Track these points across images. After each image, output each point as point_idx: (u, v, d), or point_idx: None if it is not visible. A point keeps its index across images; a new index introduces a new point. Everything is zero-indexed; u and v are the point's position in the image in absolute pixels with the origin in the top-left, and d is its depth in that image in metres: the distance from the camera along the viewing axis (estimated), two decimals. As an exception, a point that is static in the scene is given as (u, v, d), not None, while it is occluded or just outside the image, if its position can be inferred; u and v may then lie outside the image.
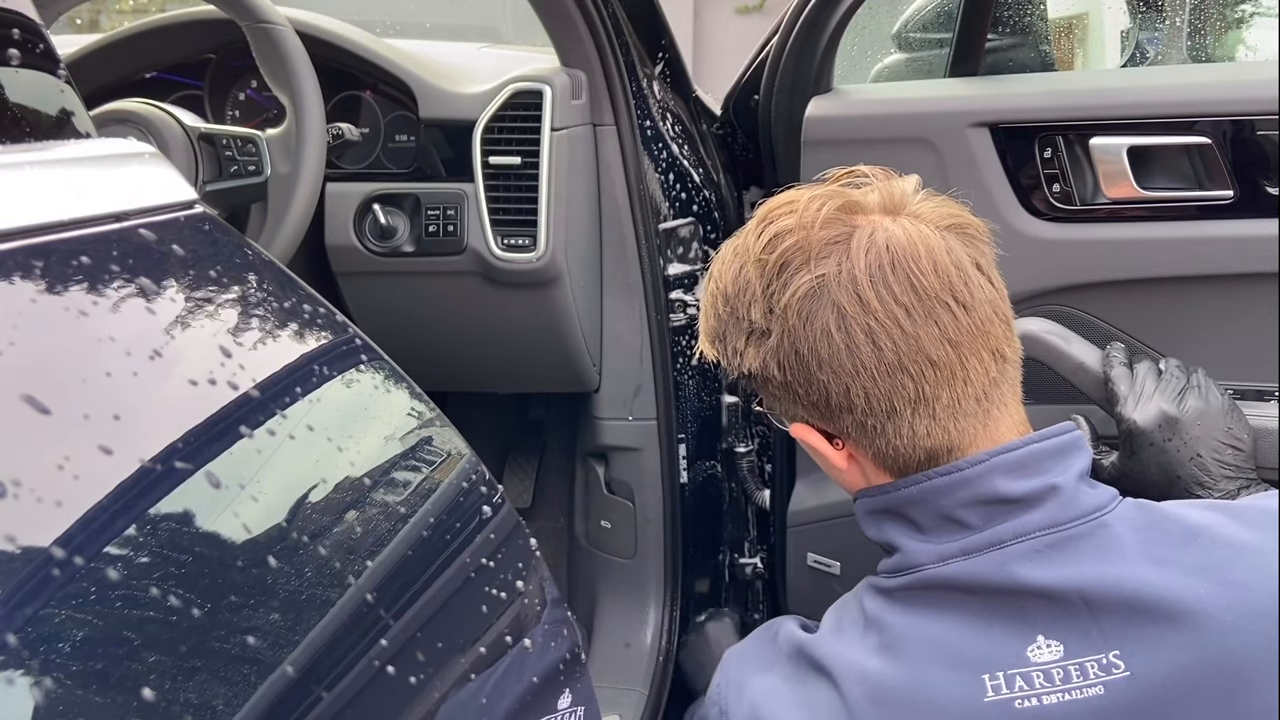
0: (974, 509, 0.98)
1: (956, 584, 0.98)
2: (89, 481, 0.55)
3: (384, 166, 1.72)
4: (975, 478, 0.98)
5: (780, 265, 0.99)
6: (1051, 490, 0.97)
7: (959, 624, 0.98)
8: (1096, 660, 0.94)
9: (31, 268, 0.61)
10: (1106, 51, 2.68)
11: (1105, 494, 0.99)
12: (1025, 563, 0.96)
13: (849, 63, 1.99)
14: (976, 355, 0.98)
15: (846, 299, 0.96)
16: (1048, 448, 0.99)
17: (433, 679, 0.69)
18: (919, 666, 0.98)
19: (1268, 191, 1.46)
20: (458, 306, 1.72)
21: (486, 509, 0.81)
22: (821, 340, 0.97)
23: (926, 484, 1.00)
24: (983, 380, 0.99)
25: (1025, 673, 0.95)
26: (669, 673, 1.79)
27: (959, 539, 0.99)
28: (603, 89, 1.67)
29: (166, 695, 0.52)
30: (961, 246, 0.99)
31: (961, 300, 0.97)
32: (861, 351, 0.96)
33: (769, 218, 1.03)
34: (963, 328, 0.97)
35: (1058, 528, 0.96)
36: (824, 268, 0.97)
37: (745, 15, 7.77)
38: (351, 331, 0.80)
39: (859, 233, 0.98)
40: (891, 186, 1.03)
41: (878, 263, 0.96)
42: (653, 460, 1.77)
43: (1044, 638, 0.95)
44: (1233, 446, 1.20)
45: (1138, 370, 1.28)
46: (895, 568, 1.03)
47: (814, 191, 1.02)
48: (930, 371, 0.97)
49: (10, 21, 0.72)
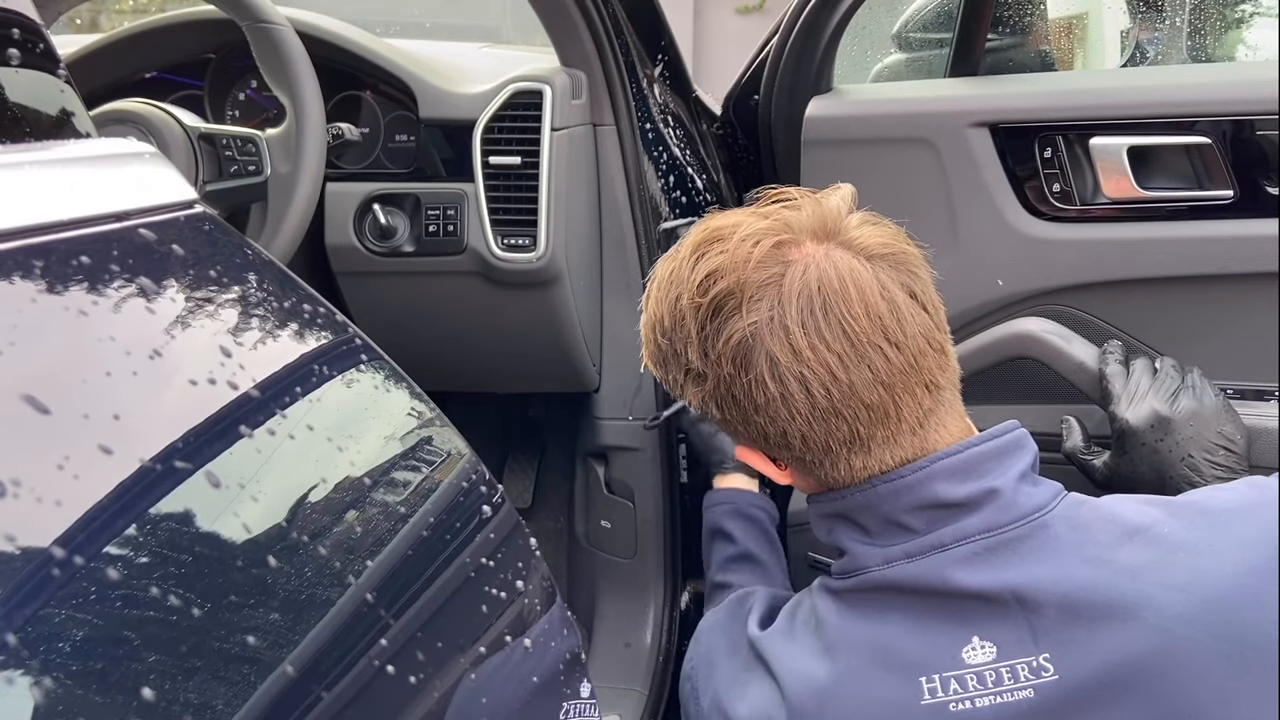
0: (917, 513, 0.99)
1: (899, 586, 1.00)
2: (89, 481, 0.55)
3: (384, 166, 1.72)
4: (916, 484, 0.99)
5: (714, 309, 0.99)
6: (990, 494, 0.98)
7: (900, 626, 1.00)
8: (1027, 663, 0.95)
9: (31, 268, 0.61)
10: (1106, 51, 2.68)
11: (1046, 493, 1.00)
12: (963, 566, 0.97)
13: (849, 63, 1.99)
14: (910, 392, 0.98)
15: (779, 348, 0.96)
16: (988, 450, 1.00)
17: (433, 679, 0.69)
18: (860, 669, 1.00)
19: (1268, 191, 1.46)
20: (458, 306, 1.72)
21: (486, 509, 0.81)
22: (757, 388, 0.98)
23: (871, 491, 1.01)
24: (916, 414, 1.00)
25: (959, 675, 0.96)
26: (669, 673, 1.79)
27: (902, 542, 1.00)
28: (603, 89, 1.67)
29: (166, 695, 0.52)
30: (894, 276, 0.99)
31: (894, 340, 0.97)
32: (795, 399, 0.97)
33: (703, 249, 1.02)
34: (895, 368, 0.97)
35: (995, 531, 0.97)
36: (756, 313, 0.97)
37: (745, 15, 7.78)
38: (351, 331, 0.80)
39: (790, 272, 0.97)
40: (823, 210, 1.01)
41: (809, 308, 0.96)
42: (652, 460, 1.77)
43: (979, 639, 0.97)
44: (1225, 447, 1.20)
45: (1133, 368, 1.28)
46: (844, 569, 1.05)
47: (747, 224, 1.01)
48: (864, 413, 0.98)
49: (10, 21, 0.72)
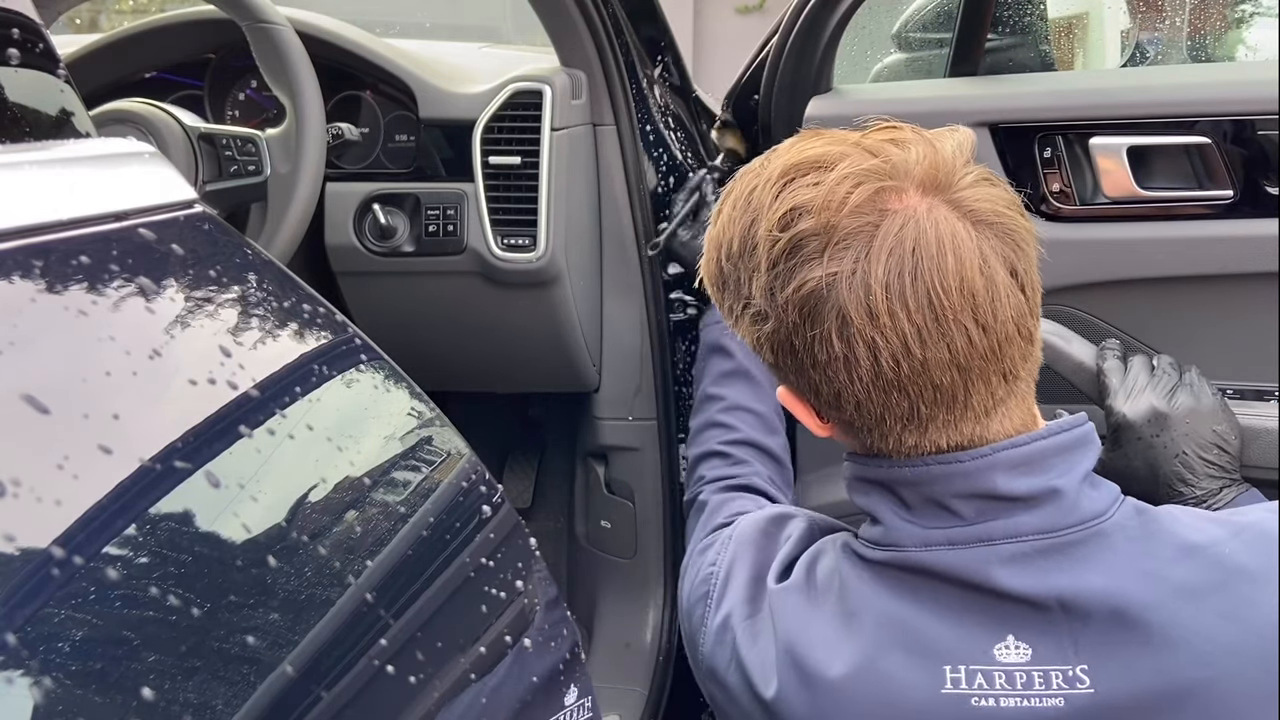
0: (967, 500, 0.93)
1: (935, 572, 0.94)
2: (89, 481, 0.55)
3: (384, 166, 1.72)
4: (975, 471, 0.93)
5: (791, 248, 0.89)
6: (1052, 493, 0.92)
7: (931, 612, 0.94)
8: (1062, 671, 0.91)
9: (31, 268, 0.61)
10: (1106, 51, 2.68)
11: (1106, 497, 0.94)
12: (1008, 566, 0.92)
13: (849, 63, 1.99)
14: (984, 379, 0.91)
15: (855, 307, 0.87)
16: (1055, 445, 0.94)
17: (432, 679, 0.68)
18: (879, 642, 0.95)
19: (1268, 191, 1.46)
20: (458, 306, 1.72)
21: (486, 509, 0.81)
22: (820, 345, 0.90)
23: (923, 468, 0.94)
24: (985, 402, 0.92)
25: (987, 671, 0.92)
26: (669, 673, 1.79)
27: (946, 527, 0.94)
28: (603, 89, 1.67)
29: (166, 695, 0.52)
30: (998, 249, 0.90)
31: (982, 321, 0.89)
32: (860, 365, 0.89)
33: (793, 175, 0.92)
34: (976, 352, 0.89)
35: (1051, 533, 0.92)
36: (838, 264, 0.88)
37: (745, 15, 7.78)
38: (351, 331, 0.80)
39: (886, 225, 0.88)
40: (937, 157, 0.91)
41: (898, 270, 0.87)
42: (652, 460, 1.77)
43: (1014, 638, 0.92)
44: (1219, 446, 1.20)
45: (1131, 365, 1.28)
46: (877, 540, 0.98)
47: (849, 160, 0.91)
48: (930, 393, 0.90)
49: (10, 21, 0.72)
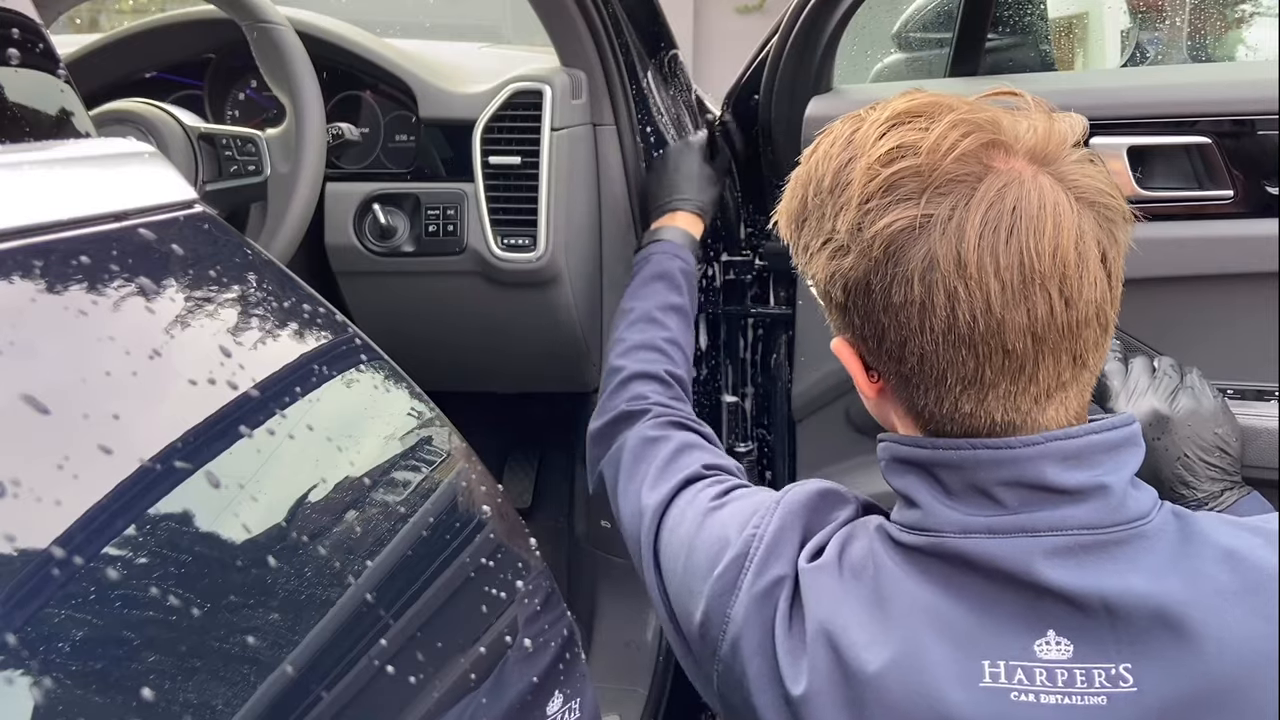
0: (1010, 489, 0.91)
1: (973, 561, 0.92)
2: (89, 481, 0.55)
3: (384, 166, 1.72)
4: (1024, 459, 0.90)
5: (890, 184, 0.88)
6: (1101, 489, 0.90)
7: (968, 603, 0.92)
8: (1105, 670, 0.89)
9: (31, 268, 0.61)
10: (1106, 51, 2.68)
11: (1148, 499, 0.93)
12: (1051, 559, 0.90)
13: (849, 63, 1.99)
14: (1056, 355, 0.89)
15: (945, 251, 0.86)
16: (1106, 440, 0.92)
17: (432, 679, 0.68)
18: (915, 629, 0.92)
19: (1268, 191, 1.46)
20: (458, 306, 1.72)
21: (486, 509, 0.81)
22: (898, 286, 0.88)
23: (969, 453, 0.91)
24: (1050, 382, 0.90)
25: (1028, 667, 0.90)
26: (669, 673, 1.79)
27: (987, 516, 0.91)
28: (603, 89, 1.67)
29: (166, 695, 0.52)
30: (1095, 230, 0.88)
31: (1067, 294, 0.87)
32: (936, 313, 0.87)
33: (903, 119, 0.91)
34: (1055, 324, 0.87)
35: (1097, 529, 0.90)
36: (934, 207, 0.86)
37: (745, 15, 7.78)
38: (351, 331, 0.80)
39: (989, 180, 0.87)
40: (1051, 130, 0.90)
41: (995, 224, 0.86)
42: (653, 460, 1.77)
43: (1055, 634, 0.90)
44: (1221, 449, 1.20)
45: (1132, 366, 1.28)
46: (913, 524, 0.95)
47: (962, 112, 0.90)
48: (999, 359, 0.88)
49: (10, 21, 0.72)
